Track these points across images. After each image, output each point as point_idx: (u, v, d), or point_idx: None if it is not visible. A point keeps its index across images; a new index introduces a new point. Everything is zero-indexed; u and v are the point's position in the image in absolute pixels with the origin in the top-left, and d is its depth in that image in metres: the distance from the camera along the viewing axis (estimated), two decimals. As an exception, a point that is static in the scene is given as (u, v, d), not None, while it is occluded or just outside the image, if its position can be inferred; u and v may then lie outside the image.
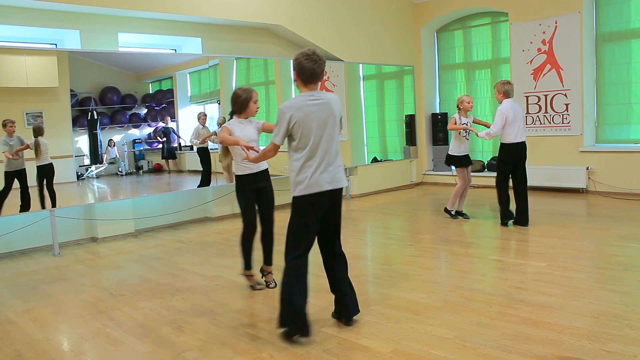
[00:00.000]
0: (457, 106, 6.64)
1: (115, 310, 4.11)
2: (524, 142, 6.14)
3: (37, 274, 5.37)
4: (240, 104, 4.31)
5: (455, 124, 6.54)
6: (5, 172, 6.06)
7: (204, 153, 7.84)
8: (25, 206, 6.17)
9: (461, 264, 4.91)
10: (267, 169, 4.39)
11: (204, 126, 7.80)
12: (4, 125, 5.94)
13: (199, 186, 7.79)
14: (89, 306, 4.24)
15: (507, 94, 6.11)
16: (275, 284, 4.35)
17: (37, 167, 6.24)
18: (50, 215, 6.23)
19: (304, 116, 3.23)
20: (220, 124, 7.84)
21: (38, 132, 6.23)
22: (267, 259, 4.48)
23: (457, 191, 6.77)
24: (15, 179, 6.13)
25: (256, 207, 4.35)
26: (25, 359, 3.30)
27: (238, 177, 4.31)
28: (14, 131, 6.04)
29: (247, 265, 4.41)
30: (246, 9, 7.89)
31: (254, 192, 4.32)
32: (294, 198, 3.32)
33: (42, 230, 6.35)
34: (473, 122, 6.73)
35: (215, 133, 7.68)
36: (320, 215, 3.34)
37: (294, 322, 3.27)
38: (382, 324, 3.49)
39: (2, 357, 3.34)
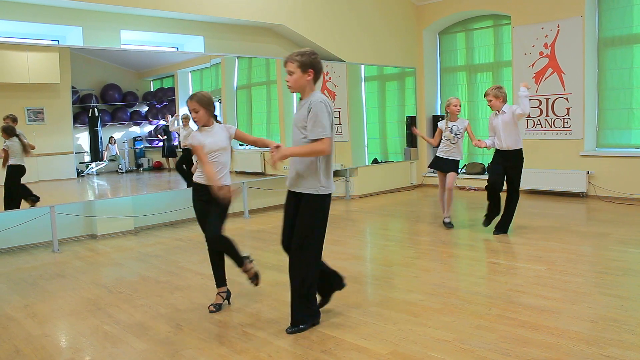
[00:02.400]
0: (446, 110, 6.38)
1: (114, 307, 4.11)
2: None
3: (36, 270, 5.37)
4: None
5: (442, 134, 6.29)
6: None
7: (189, 154, 7.83)
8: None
9: (460, 266, 4.91)
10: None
11: (185, 127, 7.73)
12: None
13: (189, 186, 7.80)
14: (88, 303, 4.24)
15: (506, 99, 5.87)
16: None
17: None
18: (50, 211, 6.22)
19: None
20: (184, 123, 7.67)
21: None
22: None
23: (440, 197, 6.52)
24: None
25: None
26: (23, 355, 3.30)
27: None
28: None
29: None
30: (249, 9, 7.90)
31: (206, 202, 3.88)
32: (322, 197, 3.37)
33: (42, 227, 6.35)
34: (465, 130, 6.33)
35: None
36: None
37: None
38: (381, 326, 3.49)
39: (0, 353, 3.34)
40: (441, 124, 6.42)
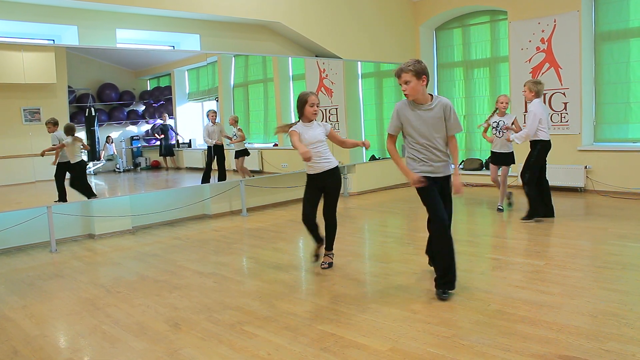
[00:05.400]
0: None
1: (112, 307, 4.10)
2: None
3: (33, 270, 5.35)
4: (299, 108, 4.58)
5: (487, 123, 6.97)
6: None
7: (219, 151, 7.86)
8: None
9: (459, 262, 4.87)
10: (331, 168, 4.68)
11: (214, 124, 7.79)
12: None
13: (219, 180, 7.94)
14: (86, 303, 4.23)
15: (539, 94, 6.22)
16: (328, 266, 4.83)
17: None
18: (47, 211, 6.21)
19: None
20: (235, 122, 8.03)
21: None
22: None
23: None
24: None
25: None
26: (21, 356, 3.29)
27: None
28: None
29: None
30: (245, 6, 7.87)
31: (319, 189, 4.70)
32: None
33: (39, 227, 6.33)
34: (512, 123, 6.78)
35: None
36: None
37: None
38: (380, 322, 3.49)
39: (-2, 354, 3.33)
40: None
